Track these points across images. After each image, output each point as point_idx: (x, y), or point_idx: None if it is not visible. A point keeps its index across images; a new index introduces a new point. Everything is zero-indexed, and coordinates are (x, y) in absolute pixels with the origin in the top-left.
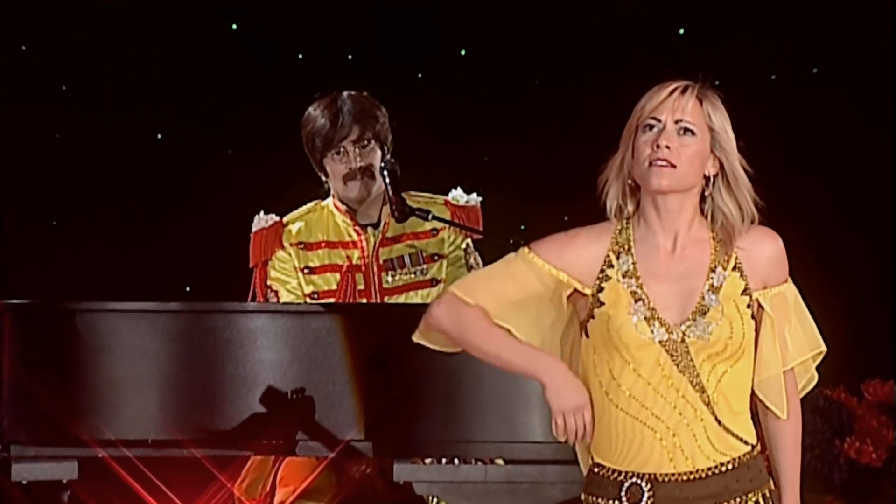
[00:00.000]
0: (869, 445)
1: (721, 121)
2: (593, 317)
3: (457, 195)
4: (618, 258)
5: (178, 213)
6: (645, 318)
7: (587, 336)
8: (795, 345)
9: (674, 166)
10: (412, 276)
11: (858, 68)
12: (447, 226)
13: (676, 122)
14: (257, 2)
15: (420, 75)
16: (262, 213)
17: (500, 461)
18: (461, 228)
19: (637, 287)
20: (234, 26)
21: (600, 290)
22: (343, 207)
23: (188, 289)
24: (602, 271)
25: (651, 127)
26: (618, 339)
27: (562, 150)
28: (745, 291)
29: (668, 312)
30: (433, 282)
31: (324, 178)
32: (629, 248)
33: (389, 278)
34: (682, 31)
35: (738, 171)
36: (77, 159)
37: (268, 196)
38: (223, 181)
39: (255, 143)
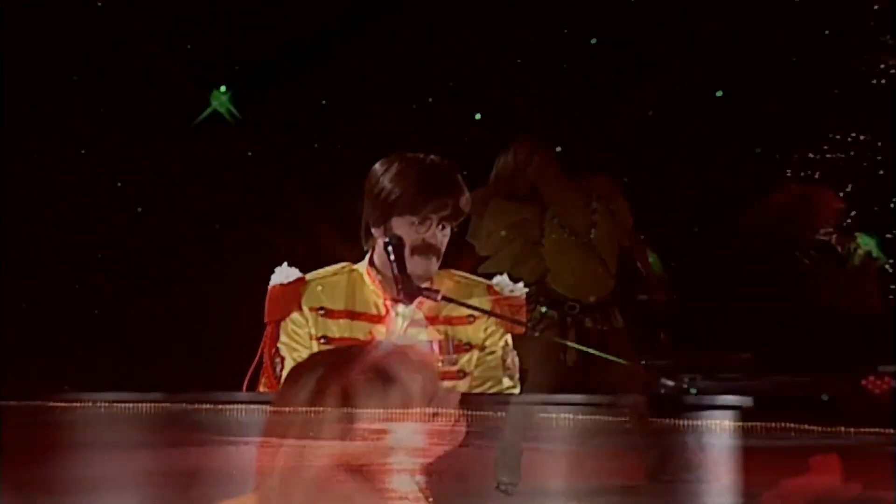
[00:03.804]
0: None
1: None
2: None
3: (501, 282)
4: None
5: None
6: None
7: None
8: None
9: None
10: (439, 364)
11: None
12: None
13: None
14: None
15: None
16: (285, 264)
17: None
18: (500, 318)
19: None
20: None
21: None
22: (378, 278)
23: None
24: None
25: None
26: None
27: None
28: None
29: None
30: (460, 374)
31: (372, 236)
32: None
33: None
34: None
35: None
36: None
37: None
38: None
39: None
